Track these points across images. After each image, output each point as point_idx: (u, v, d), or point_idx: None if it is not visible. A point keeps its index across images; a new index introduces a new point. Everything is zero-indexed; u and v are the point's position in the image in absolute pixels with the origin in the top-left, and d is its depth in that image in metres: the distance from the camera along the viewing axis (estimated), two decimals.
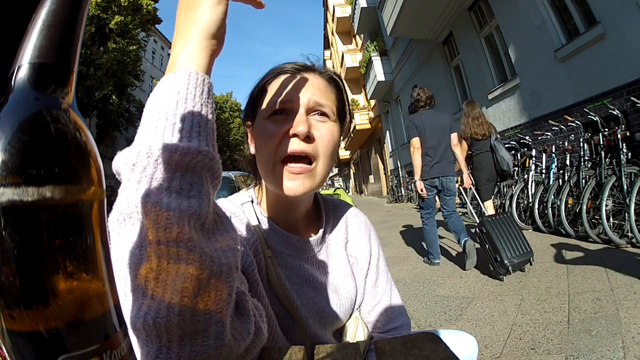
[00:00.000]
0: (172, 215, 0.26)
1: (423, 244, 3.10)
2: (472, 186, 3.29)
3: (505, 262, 2.27)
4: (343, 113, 0.59)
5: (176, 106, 0.30)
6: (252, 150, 0.57)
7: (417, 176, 2.83)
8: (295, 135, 0.48)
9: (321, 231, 0.61)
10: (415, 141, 2.74)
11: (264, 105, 0.52)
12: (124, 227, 0.28)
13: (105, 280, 0.18)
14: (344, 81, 0.60)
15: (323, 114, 0.52)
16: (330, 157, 0.52)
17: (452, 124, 2.83)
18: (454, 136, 2.81)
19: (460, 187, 3.02)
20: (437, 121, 2.72)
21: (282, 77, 0.53)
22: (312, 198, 0.62)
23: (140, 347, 0.26)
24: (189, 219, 0.27)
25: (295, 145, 0.48)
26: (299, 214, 0.59)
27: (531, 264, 2.49)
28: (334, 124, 0.53)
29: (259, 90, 0.55)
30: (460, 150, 2.92)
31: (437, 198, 2.93)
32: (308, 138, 0.49)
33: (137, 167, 0.28)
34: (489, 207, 3.34)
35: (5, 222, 0.14)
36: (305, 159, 0.49)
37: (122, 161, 0.29)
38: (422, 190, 2.81)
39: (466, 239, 2.61)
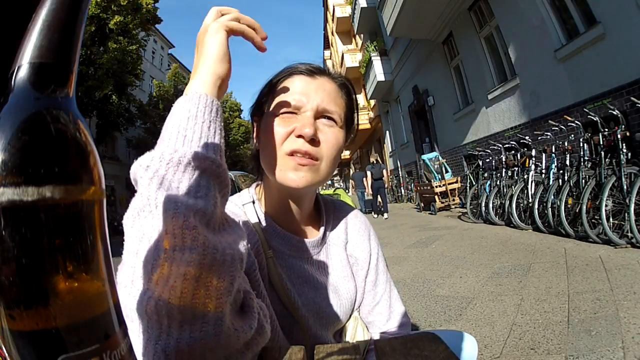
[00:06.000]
0: (180, 206, 0.29)
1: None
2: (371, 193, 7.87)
3: (366, 209, 8.64)
4: (351, 119, 0.59)
5: (187, 121, 0.34)
6: (258, 145, 0.57)
7: (352, 189, 10.26)
8: (301, 136, 0.49)
9: (321, 232, 0.61)
10: (352, 182, 9.91)
11: (274, 103, 0.52)
12: (137, 221, 0.30)
13: (105, 280, 0.18)
14: (354, 87, 0.60)
15: (331, 119, 0.53)
16: (333, 160, 0.53)
17: (362, 176, 8.30)
18: (369, 174, 7.43)
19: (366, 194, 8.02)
20: (358, 175, 8.92)
21: (295, 77, 0.54)
22: (313, 199, 0.62)
23: (141, 335, 0.27)
24: (195, 213, 0.30)
25: (299, 146, 0.49)
26: (301, 214, 0.59)
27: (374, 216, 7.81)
28: (340, 129, 0.54)
29: (270, 88, 0.55)
30: (367, 181, 7.60)
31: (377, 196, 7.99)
32: (313, 141, 0.49)
33: (151, 168, 0.31)
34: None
35: (5, 222, 0.14)
36: (311, 155, 0.50)
37: (138, 164, 0.32)
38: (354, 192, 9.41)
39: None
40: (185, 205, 0.29)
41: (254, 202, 0.58)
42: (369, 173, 7.47)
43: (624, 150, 2.78)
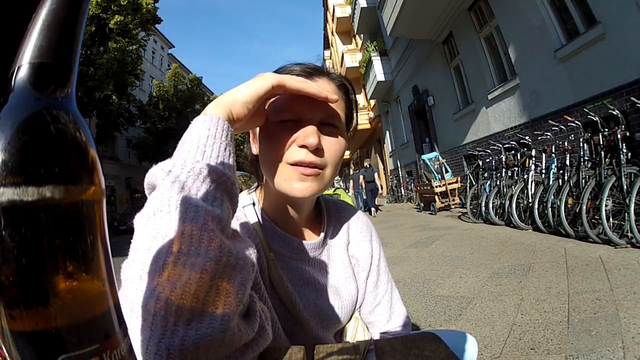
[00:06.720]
0: (200, 210, 0.30)
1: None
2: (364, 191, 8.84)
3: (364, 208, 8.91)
4: (350, 119, 0.58)
5: (207, 139, 0.36)
6: (254, 150, 0.56)
7: (352, 189, 9.65)
8: (304, 146, 0.48)
9: (323, 233, 0.61)
10: (352, 182, 9.58)
11: (271, 109, 0.50)
12: (151, 221, 0.30)
13: (105, 280, 0.18)
14: (353, 86, 0.59)
15: (332, 124, 0.51)
16: (336, 165, 0.52)
17: (359, 177, 8.84)
18: (361, 177, 8.67)
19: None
20: (356, 176, 9.17)
21: None
22: (314, 201, 0.62)
23: (142, 333, 0.26)
24: (213, 218, 0.31)
25: (303, 156, 0.48)
26: (301, 217, 0.59)
27: (371, 214, 8.35)
28: (341, 133, 0.53)
29: None
30: (364, 182, 8.55)
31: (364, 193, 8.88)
32: (317, 150, 0.48)
33: (172, 173, 0.33)
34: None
35: (5, 222, 0.14)
36: (316, 164, 0.49)
37: (159, 168, 0.34)
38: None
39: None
40: (205, 210, 0.31)
41: (254, 205, 0.58)
42: (361, 177, 8.82)
43: (624, 150, 2.78)
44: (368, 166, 9.13)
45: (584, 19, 3.97)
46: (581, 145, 3.34)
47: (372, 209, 8.47)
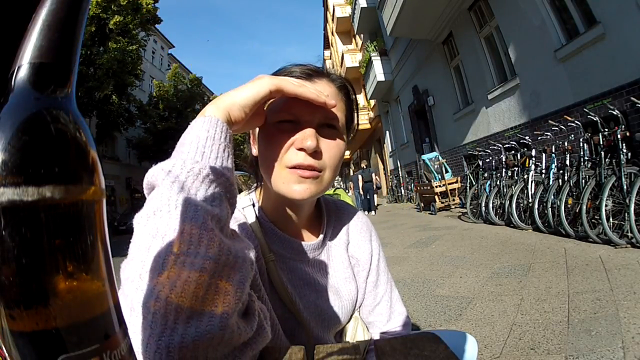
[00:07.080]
0: (199, 209, 0.31)
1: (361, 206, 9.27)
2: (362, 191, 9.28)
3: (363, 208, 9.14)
4: (350, 120, 0.58)
5: (206, 141, 0.36)
6: (254, 151, 0.56)
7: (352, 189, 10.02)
8: (302, 149, 0.47)
9: (322, 234, 0.61)
10: (351, 183, 10.05)
11: (270, 111, 0.50)
12: (151, 220, 0.30)
13: (105, 280, 0.18)
14: (353, 88, 0.59)
15: (332, 126, 0.51)
16: (336, 168, 0.52)
17: (358, 178, 9.24)
18: (360, 178, 9.14)
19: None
20: (354, 178, 9.41)
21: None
22: (314, 202, 0.62)
23: (142, 332, 0.26)
24: (212, 217, 0.31)
25: (301, 160, 0.47)
26: (301, 218, 0.59)
27: (370, 212, 8.82)
28: (341, 135, 0.52)
29: None
30: (362, 181, 9.02)
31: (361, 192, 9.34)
32: (315, 153, 0.48)
33: (172, 173, 0.33)
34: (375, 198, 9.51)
35: (5, 222, 0.14)
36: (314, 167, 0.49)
37: (158, 168, 0.34)
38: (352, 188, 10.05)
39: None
40: (204, 209, 0.31)
41: (253, 205, 0.58)
42: (359, 177, 9.30)
43: (624, 150, 2.78)
44: (365, 166, 9.75)
45: (584, 19, 3.97)
46: (581, 145, 3.34)
47: (365, 210, 8.89)
